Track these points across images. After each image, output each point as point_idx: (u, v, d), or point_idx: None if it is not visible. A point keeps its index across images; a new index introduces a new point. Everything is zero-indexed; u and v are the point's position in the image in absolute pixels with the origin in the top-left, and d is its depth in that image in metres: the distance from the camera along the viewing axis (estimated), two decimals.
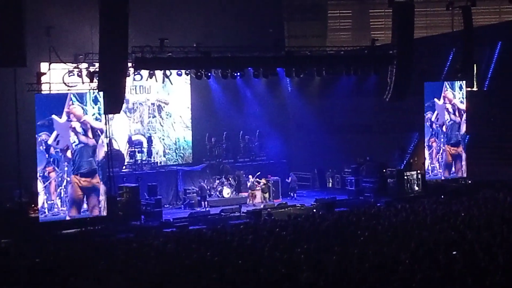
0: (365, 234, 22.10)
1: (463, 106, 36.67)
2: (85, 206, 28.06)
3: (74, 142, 27.98)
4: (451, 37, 39.42)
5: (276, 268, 17.85)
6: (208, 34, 36.03)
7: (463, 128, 36.64)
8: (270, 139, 40.23)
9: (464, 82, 37.23)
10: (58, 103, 27.98)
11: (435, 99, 35.90)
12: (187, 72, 32.73)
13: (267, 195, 35.54)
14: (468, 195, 30.37)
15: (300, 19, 48.60)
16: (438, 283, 15.63)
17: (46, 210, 27.49)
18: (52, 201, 27.58)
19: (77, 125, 28.02)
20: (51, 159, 27.57)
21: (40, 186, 27.42)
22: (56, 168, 27.64)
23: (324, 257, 19.01)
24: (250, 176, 36.00)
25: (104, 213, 28.38)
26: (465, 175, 37.02)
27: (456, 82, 36.80)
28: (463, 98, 36.70)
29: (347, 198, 35.24)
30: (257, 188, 35.89)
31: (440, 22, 47.77)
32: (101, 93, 28.31)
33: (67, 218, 27.77)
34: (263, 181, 35.77)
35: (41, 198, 27.43)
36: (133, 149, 35.74)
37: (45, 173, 27.47)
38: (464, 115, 36.71)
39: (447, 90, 36.28)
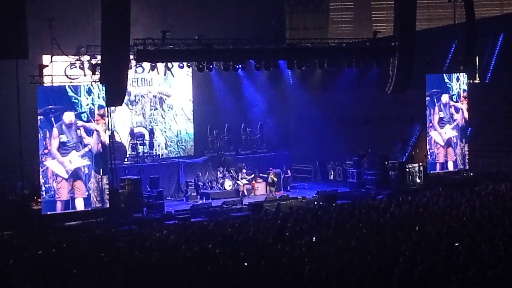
0: (366, 227, 22.12)
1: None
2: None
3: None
4: (453, 29, 39.39)
5: (278, 260, 17.87)
6: (210, 27, 36.01)
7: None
8: (272, 131, 40.28)
9: (466, 74, 37.31)
10: (60, 95, 28.08)
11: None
12: (188, 64, 32.73)
13: (273, 188, 35.43)
14: (470, 187, 30.38)
15: (301, 11, 48.50)
16: (440, 275, 15.65)
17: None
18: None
19: None
20: None
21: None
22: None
23: (326, 249, 19.05)
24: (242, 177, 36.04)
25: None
26: (467, 167, 37.12)
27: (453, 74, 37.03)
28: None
29: (348, 191, 35.24)
30: (259, 180, 36.06)
31: (442, 14, 47.75)
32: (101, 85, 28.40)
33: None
34: (271, 175, 35.60)
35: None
36: (135, 142, 35.76)
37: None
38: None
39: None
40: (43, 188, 27.63)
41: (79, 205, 28.17)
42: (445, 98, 36.43)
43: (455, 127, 36.92)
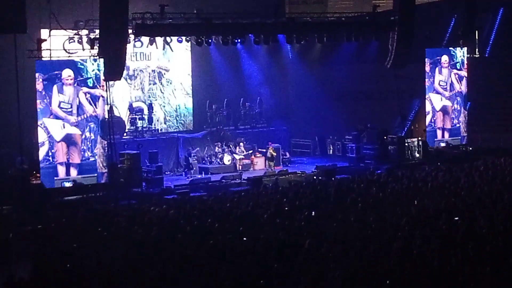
0: (365, 201, 22.15)
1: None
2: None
3: None
4: (452, 3, 39.31)
5: (276, 234, 17.91)
6: (209, 1, 35.77)
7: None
8: (271, 106, 40.19)
9: (465, 48, 37.28)
10: (58, 69, 28.03)
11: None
12: (187, 38, 32.64)
13: (272, 163, 35.40)
14: (469, 162, 30.37)
15: None
16: (439, 249, 15.69)
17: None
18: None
19: None
20: None
21: None
22: None
23: (325, 224, 19.09)
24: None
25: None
26: (465, 141, 37.19)
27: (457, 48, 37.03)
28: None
29: (347, 165, 35.19)
30: (258, 155, 36.05)
31: None
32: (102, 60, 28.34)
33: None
34: (270, 150, 35.57)
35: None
36: (134, 116, 35.68)
37: None
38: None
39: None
40: (46, 153, 27.77)
41: (73, 172, 28.41)
42: (444, 58, 36.55)
43: (457, 95, 37.03)
